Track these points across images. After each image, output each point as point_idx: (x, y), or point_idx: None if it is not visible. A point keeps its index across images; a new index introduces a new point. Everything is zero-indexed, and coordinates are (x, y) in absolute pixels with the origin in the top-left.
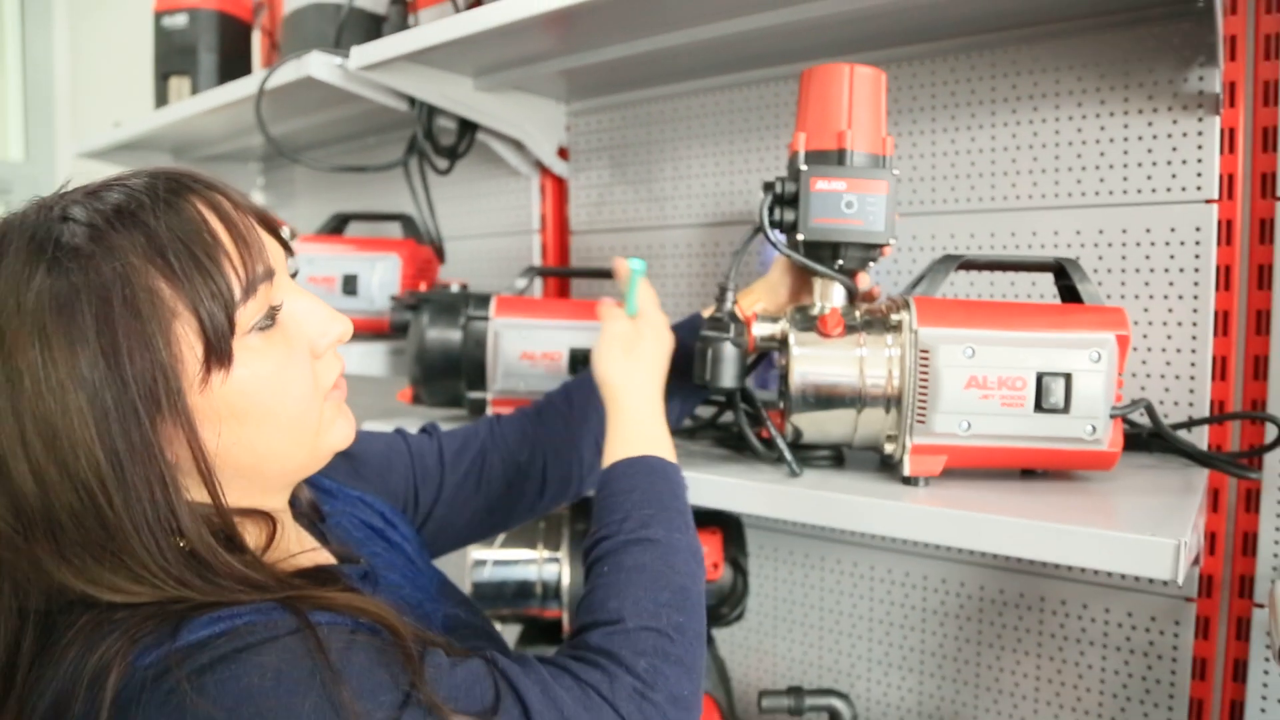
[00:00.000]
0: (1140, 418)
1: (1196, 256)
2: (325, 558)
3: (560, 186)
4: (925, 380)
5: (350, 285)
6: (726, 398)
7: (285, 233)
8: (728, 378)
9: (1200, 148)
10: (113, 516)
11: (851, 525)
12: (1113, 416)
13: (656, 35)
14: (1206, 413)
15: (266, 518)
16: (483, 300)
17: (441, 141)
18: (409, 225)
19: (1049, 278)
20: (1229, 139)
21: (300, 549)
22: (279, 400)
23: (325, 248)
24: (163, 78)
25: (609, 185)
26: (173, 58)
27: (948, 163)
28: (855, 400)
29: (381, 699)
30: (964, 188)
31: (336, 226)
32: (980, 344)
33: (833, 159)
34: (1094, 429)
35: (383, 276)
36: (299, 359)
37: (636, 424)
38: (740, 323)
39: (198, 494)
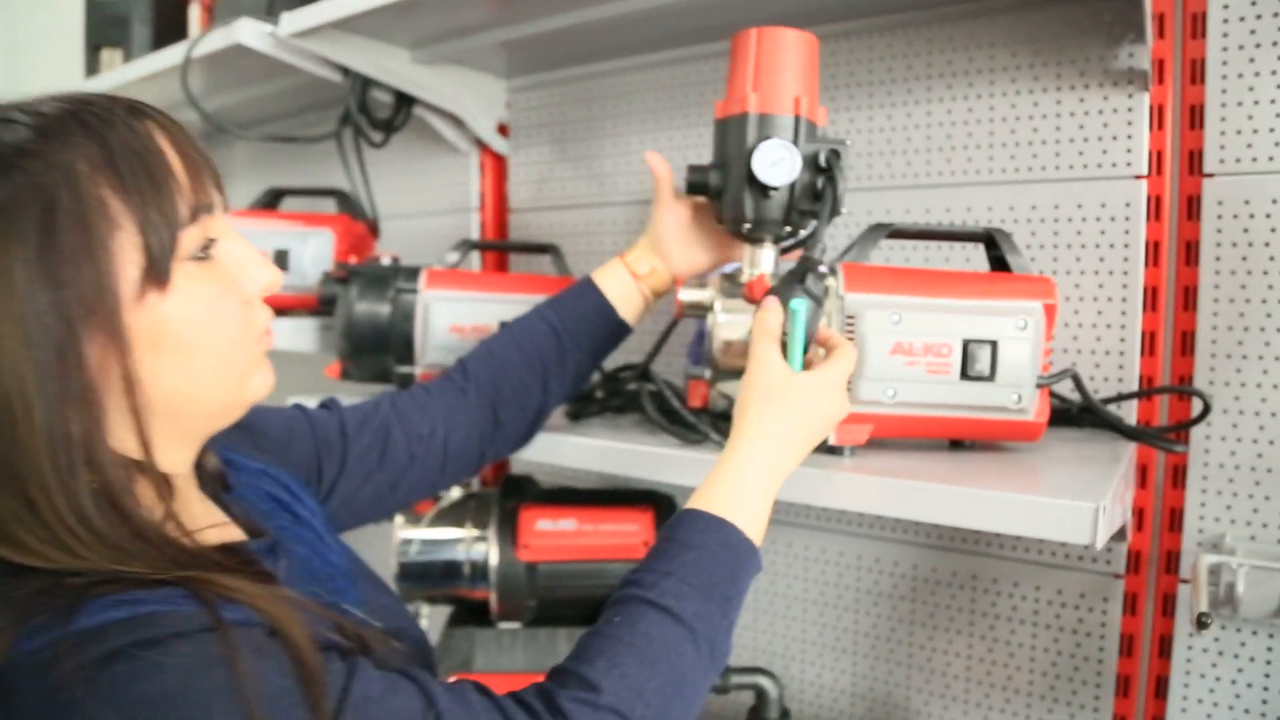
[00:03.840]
0: (1070, 393)
1: (1126, 232)
2: (234, 534)
3: (500, 164)
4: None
5: (282, 260)
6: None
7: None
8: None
9: (1130, 124)
10: (28, 438)
11: None
12: (1039, 386)
13: (598, 4)
14: (1135, 388)
15: (166, 483)
16: (413, 273)
17: (377, 115)
18: (345, 201)
19: (982, 252)
20: (1158, 116)
21: (208, 522)
22: (210, 333)
23: (257, 222)
24: (94, 49)
25: (550, 162)
26: (105, 29)
27: (884, 138)
28: None
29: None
30: (899, 163)
31: (270, 201)
32: (906, 310)
33: (787, 126)
34: (1019, 398)
35: (315, 252)
36: (231, 297)
37: (744, 484)
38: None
39: (116, 433)
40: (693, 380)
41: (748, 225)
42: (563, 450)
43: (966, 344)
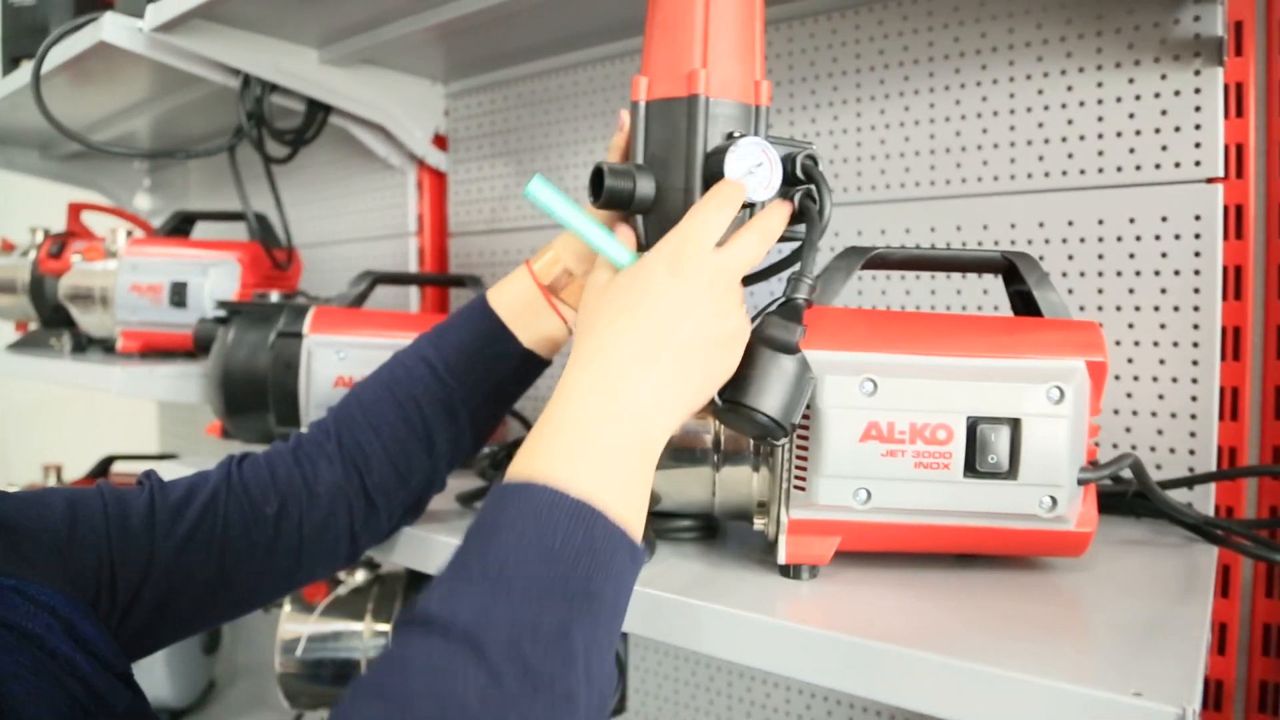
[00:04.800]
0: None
1: (1197, 254)
2: None
3: (440, 181)
4: (805, 427)
5: (179, 295)
6: None
7: (121, 233)
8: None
9: (1199, 110)
10: None
11: (681, 642)
12: (1082, 482)
13: None
14: (1213, 464)
15: None
16: (300, 313)
17: (282, 125)
18: (264, 227)
19: (1001, 286)
20: (1236, 97)
21: None
22: None
23: (153, 251)
24: (12, 61)
25: (496, 178)
26: (22, 38)
27: (874, 138)
28: (709, 453)
29: None
30: (895, 169)
31: (178, 227)
32: (885, 374)
33: (750, 118)
34: (1053, 501)
35: (218, 285)
36: None
37: (566, 425)
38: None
39: None
40: None
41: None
42: (434, 552)
43: (974, 424)
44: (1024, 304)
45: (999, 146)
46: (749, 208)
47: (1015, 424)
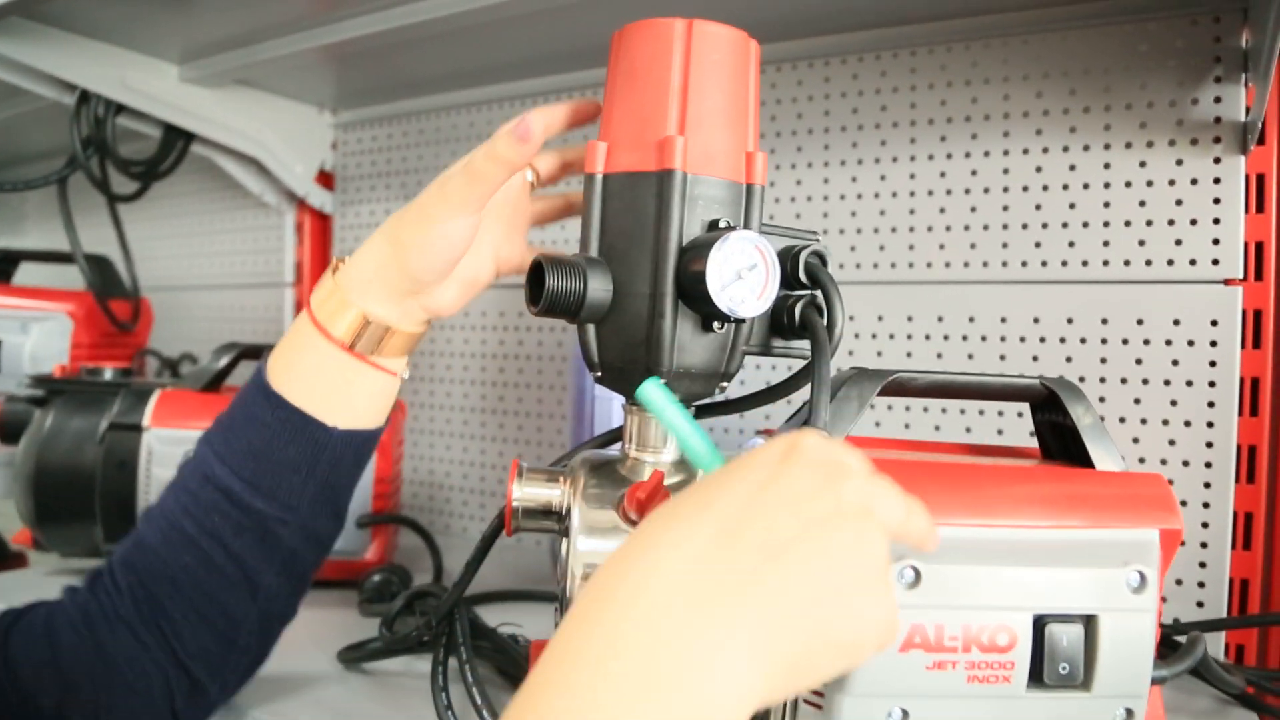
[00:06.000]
0: None
1: (1212, 364)
2: None
3: (323, 224)
4: None
5: None
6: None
7: None
8: None
9: (1218, 202)
10: None
11: None
12: (1157, 681)
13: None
14: (1224, 597)
15: None
16: (142, 396)
17: (126, 152)
18: (104, 272)
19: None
20: (1258, 190)
21: None
22: None
23: None
24: None
25: None
26: None
27: (845, 209)
28: None
29: None
30: (868, 248)
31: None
32: (930, 556)
33: (739, 202)
34: (1129, 713)
35: (41, 345)
36: None
37: (582, 694)
38: None
39: None
40: (535, 643)
41: (659, 380)
42: None
43: (1042, 624)
44: (1056, 440)
45: (989, 228)
46: (736, 323)
47: (1090, 621)
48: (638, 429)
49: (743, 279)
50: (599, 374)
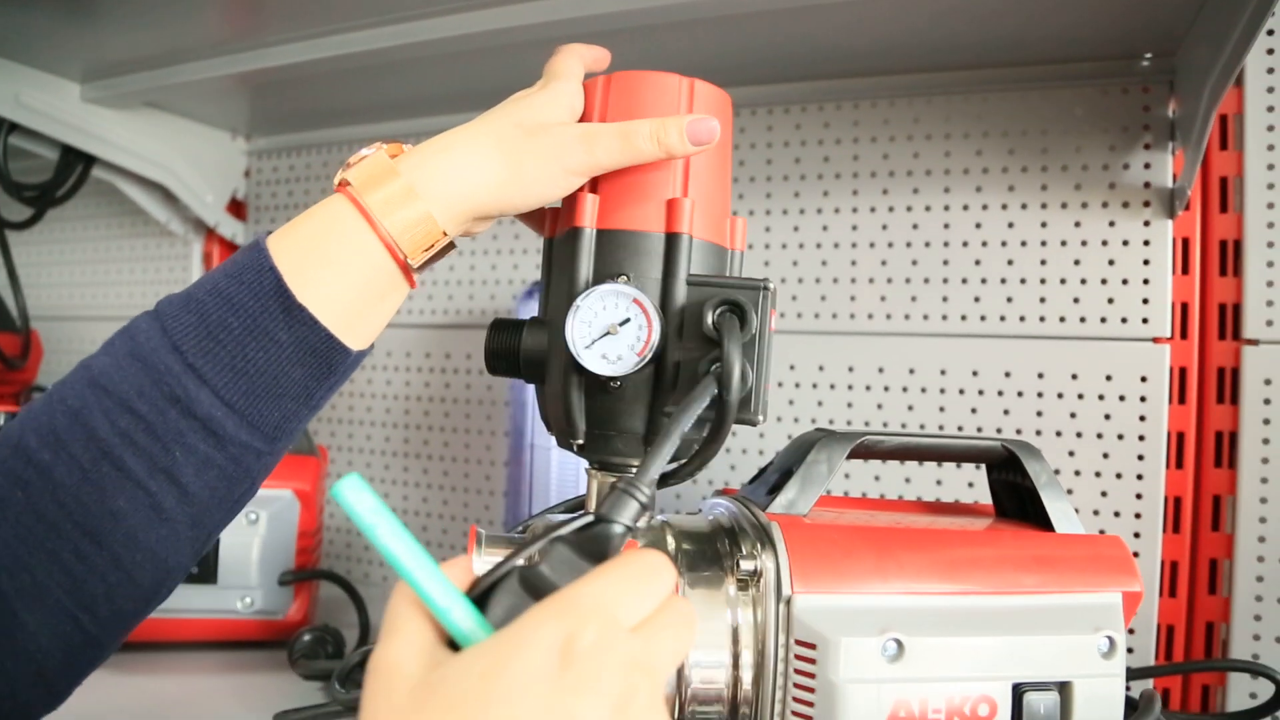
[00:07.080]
0: None
1: (1142, 419)
2: None
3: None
4: (808, 707)
5: None
6: None
7: None
8: None
9: (1147, 263)
10: None
11: None
12: None
13: (368, 29)
14: (1152, 643)
15: None
16: None
17: (17, 175)
18: None
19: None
20: (1182, 254)
21: None
22: None
23: None
24: None
25: None
26: None
27: (786, 259)
28: None
29: None
30: (809, 297)
31: None
32: (911, 628)
33: (655, 253)
34: None
35: None
36: None
37: None
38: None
39: None
40: None
41: (576, 442)
42: None
43: (1020, 693)
44: (1010, 498)
45: (930, 281)
46: (608, 382)
47: (1064, 688)
48: (600, 495)
49: (614, 335)
50: (550, 432)
